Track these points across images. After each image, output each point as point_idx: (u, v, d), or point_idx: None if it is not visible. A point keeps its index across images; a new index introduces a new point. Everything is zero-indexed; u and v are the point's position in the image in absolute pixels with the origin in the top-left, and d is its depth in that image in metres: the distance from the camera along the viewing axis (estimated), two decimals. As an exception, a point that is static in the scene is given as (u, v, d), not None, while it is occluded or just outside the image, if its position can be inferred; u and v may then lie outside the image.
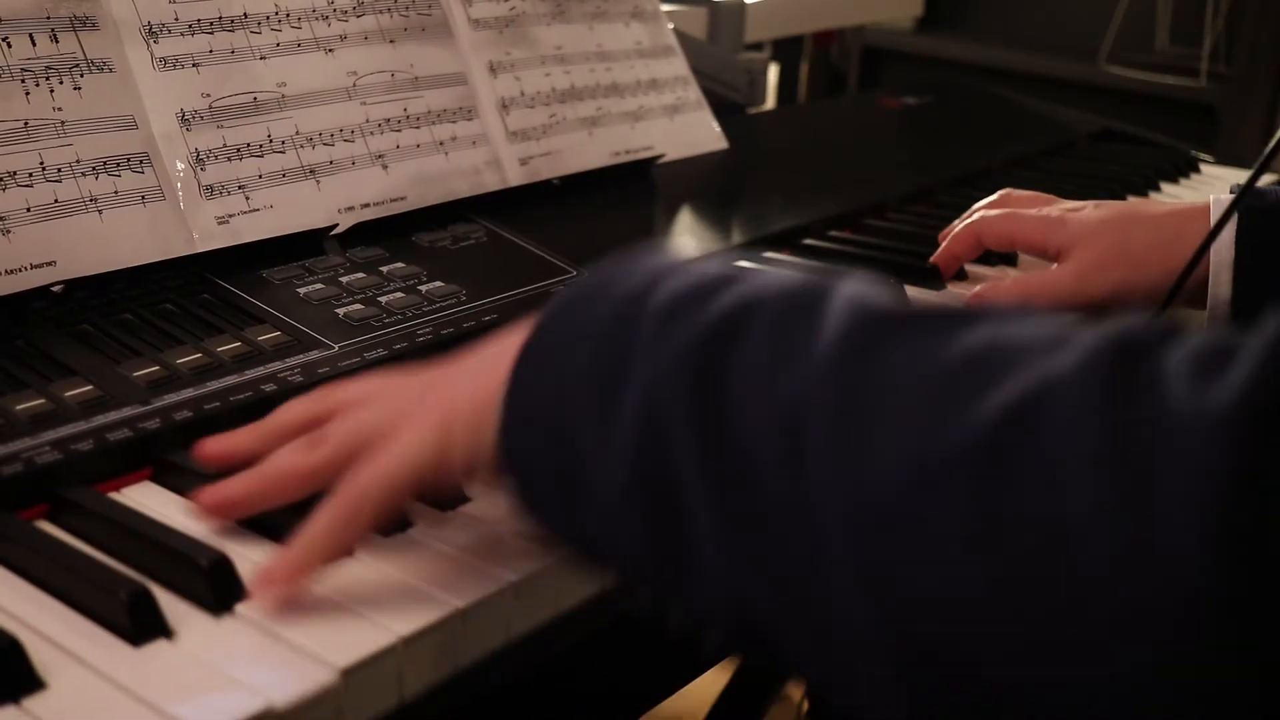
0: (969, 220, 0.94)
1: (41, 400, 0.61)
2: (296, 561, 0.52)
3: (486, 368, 0.52)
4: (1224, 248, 0.83)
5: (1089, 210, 0.90)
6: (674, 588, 0.45)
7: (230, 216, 0.78)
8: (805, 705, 1.63)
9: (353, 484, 0.53)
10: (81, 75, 0.74)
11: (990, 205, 0.97)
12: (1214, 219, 0.84)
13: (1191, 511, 0.34)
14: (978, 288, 0.90)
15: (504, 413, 0.49)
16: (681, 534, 0.43)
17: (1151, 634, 0.34)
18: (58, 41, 0.73)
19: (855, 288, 0.45)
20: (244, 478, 0.57)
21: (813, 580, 0.40)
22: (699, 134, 1.13)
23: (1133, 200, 0.91)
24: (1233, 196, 0.85)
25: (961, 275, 0.96)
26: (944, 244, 0.95)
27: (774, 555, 0.41)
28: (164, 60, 0.78)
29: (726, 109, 1.22)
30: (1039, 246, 0.90)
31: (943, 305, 0.43)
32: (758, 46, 1.51)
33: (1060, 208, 0.93)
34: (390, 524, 0.57)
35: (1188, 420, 0.35)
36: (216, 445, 0.59)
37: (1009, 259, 1.00)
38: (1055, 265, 0.90)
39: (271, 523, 0.57)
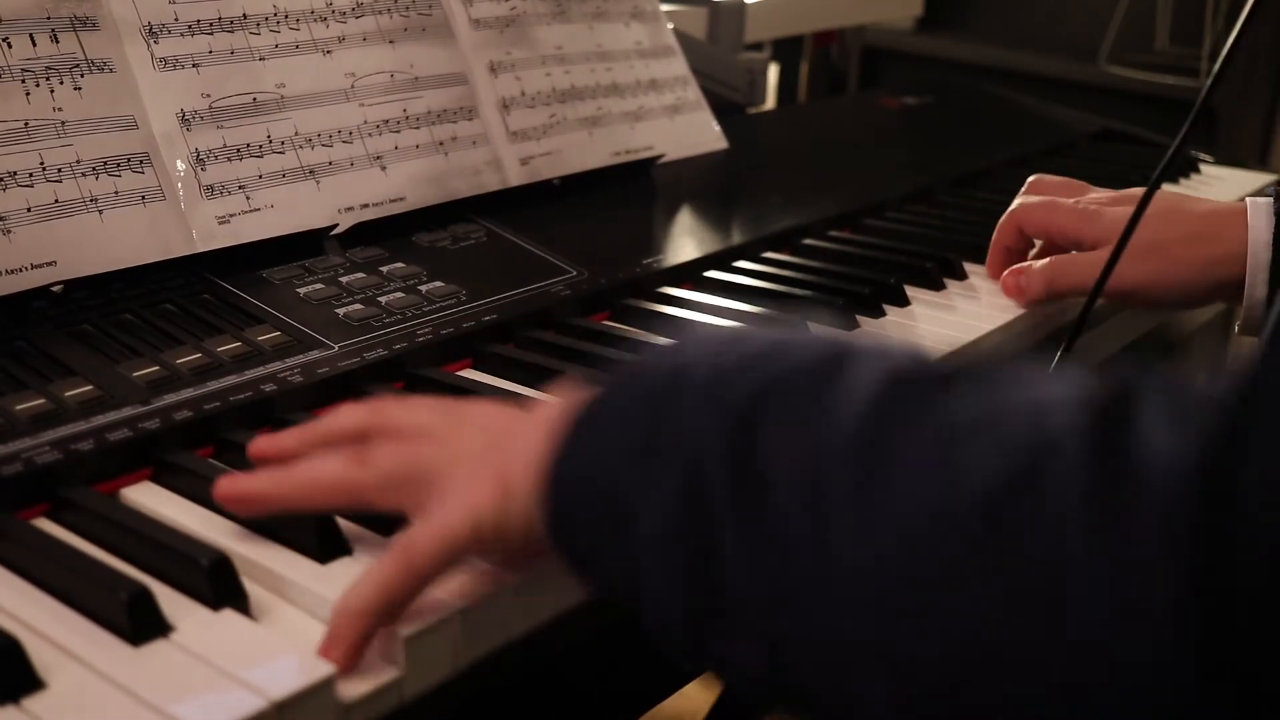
0: (1009, 210, 0.95)
1: (41, 400, 0.61)
2: (357, 617, 0.50)
3: (544, 430, 0.50)
4: (1260, 249, 0.84)
5: (1125, 204, 0.90)
6: (715, 642, 0.46)
7: (230, 216, 0.78)
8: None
9: (413, 544, 0.51)
10: (82, 75, 0.74)
11: (1026, 191, 0.98)
12: (1251, 219, 0.85)
13: (1167, 564, 0.35)
14: (1018, 265, 0.90)
15: (551, 482, 0.49)
16: (723, 594, 0.44)
17: (1145, 690, 0.36)
18: (58, 41, 0.73)
19: (877, 354, 0.46)
20: (274, 475, 0.55)
21: (835, 643, 0.41)
22: (699, 134, 1.13)
23: (1169, 193, 0.92)
24: (1271, 196, 0.86)
25: (961, 275, 0.96)
26: (993, 240, 0.96)
27: (803, 620, 0.42)
28: (164, 60, 0.78)
29: (726, 109, 1.22)
30: (1074, 238, 0.91)
31: (955, 366, 0.45)
32: (758, 46, 1.51)
33: (1092, 198, 0.94)
34: (390, 524, 0.57)
35: (1158, 475, 0.36)
36: (265, 446, 0.58)
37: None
38: (1088, 252, 0.90)
39: (277, 525, 0.57)
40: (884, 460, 0.41)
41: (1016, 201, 0.96)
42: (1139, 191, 0.93)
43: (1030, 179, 1.00)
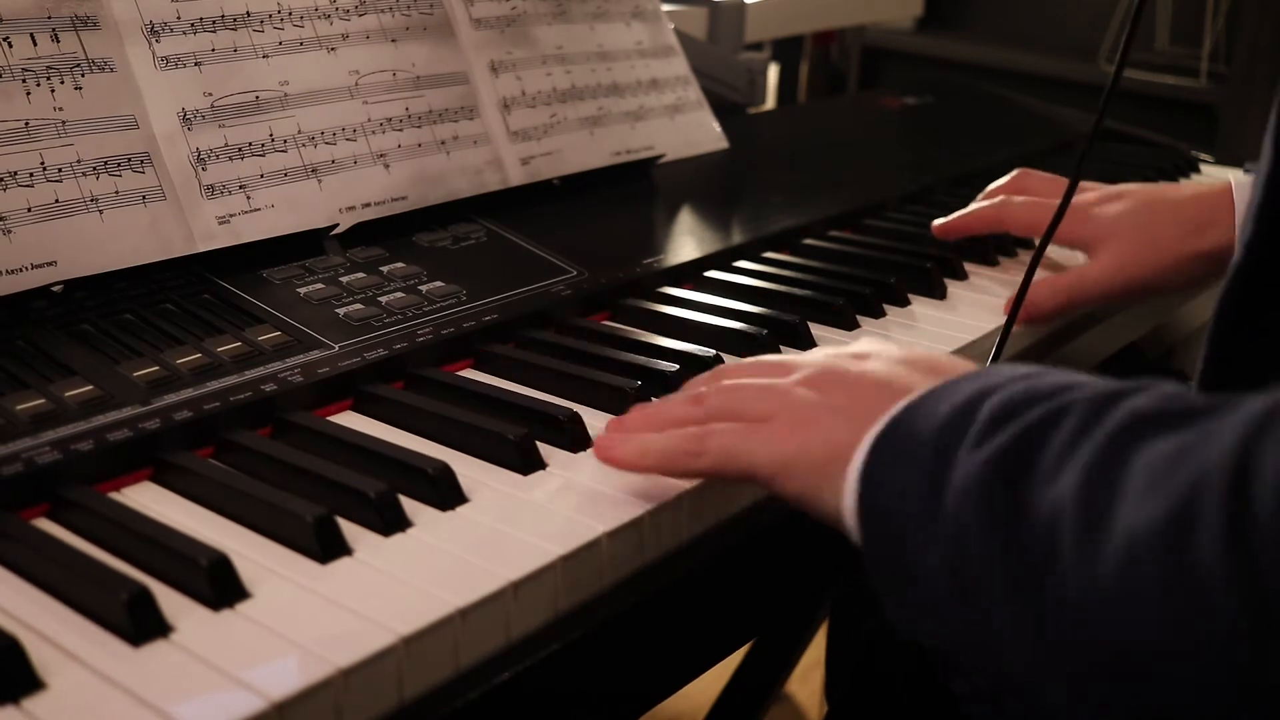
0: (994, 202, 0.95)
1: (41, 400, 0.61)
2: (635, 450, 0.61)
3: (854, 415, 0.56)
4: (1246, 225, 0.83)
5: (1111, 201, 0.90)
6: (987, 672, 0.50)
7: (231, 216, 0.78)
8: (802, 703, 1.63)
9: (708, 434, 0.59)
10: (82, 75, 0.74)
11: (1007, 187, 0.97)
12: (1237, 199, 0.85)
13: None
14: (974, 282, 0.90)
15: (859, 494, 0.53)
16: (985, 630, 0.48)
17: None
18: (59, 41, 0.73)
19: (1153, 392, 0.48)
20: (643, 415, 0.64)
21: (1076, 652, 0.44)
22: (699, 134, 1.13)
23: (1151, 187, 0.91)
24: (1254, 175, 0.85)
25: (961, 275, 0.96)
26: (962, 214, 0.95)
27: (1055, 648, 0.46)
28: (165, 59, 0.78)
29: (726, 109, 1.22)
30: (1064, 238, 0.91)
31: (1191, 401, 0.47)
32: (758, 46, 1.51)
33: (1086, 197, 0.93)
34: (390, 524, 0.58)
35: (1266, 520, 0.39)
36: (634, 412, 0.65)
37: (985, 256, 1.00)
38: (1087, 260, 0.90)
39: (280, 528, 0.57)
40: (1111, 493, 0.44)
41: (1000, 196, 0.95)
42: (1127, 187, 0.93)
43: (1015, 172, 0.99)
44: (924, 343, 0.83)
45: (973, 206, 0.96)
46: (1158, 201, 0.89)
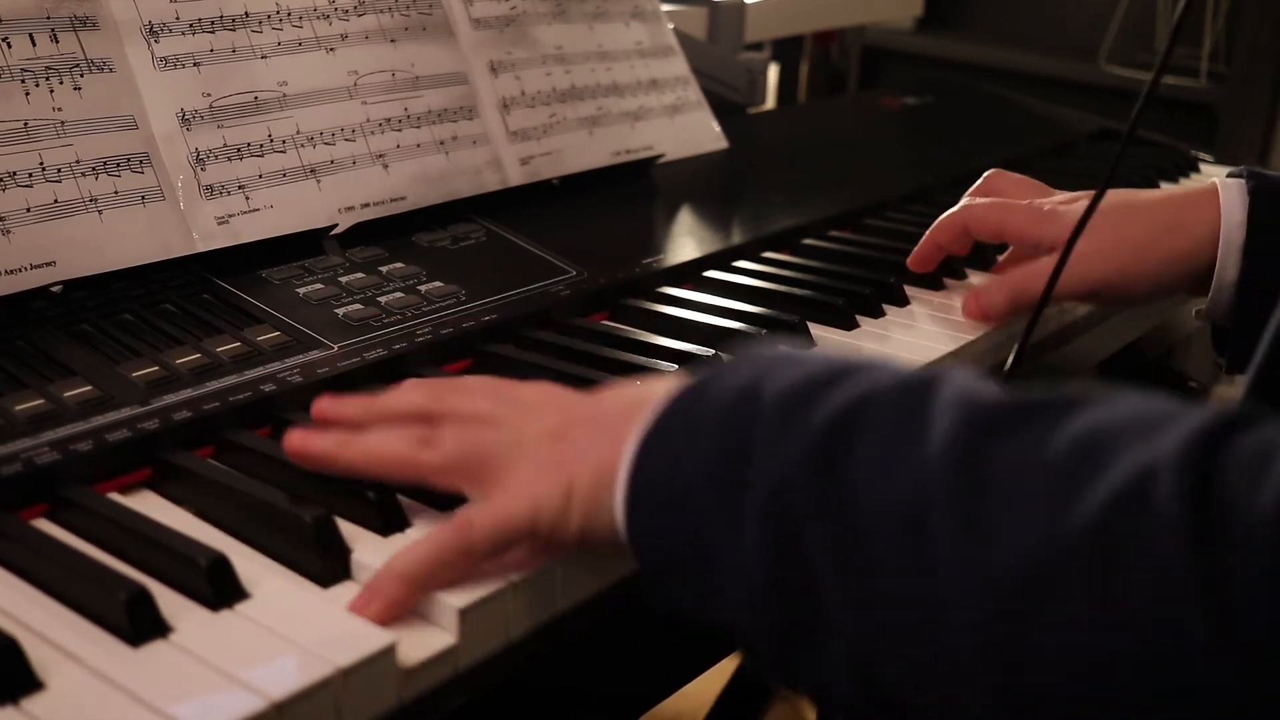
0: (957, 208, 0.92)
1: (41, 400, 0.61)
2: (402, 580, 0.52)
3: (608, 434, 0.53)
4: (1233, 229, 0.82)
5: (1083, 202, 0.89)
6: (804, 666, 0.48)
7: (230, 216, 0.78)
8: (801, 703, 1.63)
9: (470, 524, 0.54)
10: (82, 75, 0.74)
11: (979, 189, 0.95)
12: (1224, 201, 0.84)
13: (1262, 603, 0.37)
14: (974, 282, 0.88)
15: (628, 500, 0.51)
16: (815, 623, 0.46)
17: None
18: (58, 41, 0.73)
19: (960, 381, 0.48)
20: (343, 440, 0.58)
21: (940, 661, 0.43)
22: (699, 134, 1.13)
23: (1125, 190, 0.90)
24: (1241, 177, 0.85)
25: (938, 285, 0.94)
26: (928, 233, 0.92)
27: (903, 641, 0.44)
28: (164, 60, 0.78)
29: (726, 109, 1.22)
30: (1031, 238, 0.88)
31: (1042, 394, 0.46)
32: (758, 46, 1.51)
33: (1052, 200, 0.91)
34: (389, 524, 0.57)
35: (1245, 522, 0.38)
36: (328, 408, 0.61)
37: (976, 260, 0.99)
38: (1048, 257, 0.88)
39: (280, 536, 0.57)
40: (985, 486, 0.43)
41: (964, 200, 0.92)
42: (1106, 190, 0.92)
43: (988, 173, 0.96)
44: (925, 343, 0.83)
45: (939, 220, 0.93)
46: (1127, 203, 0.87)
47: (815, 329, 0.83)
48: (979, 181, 0.96)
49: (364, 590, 0.53)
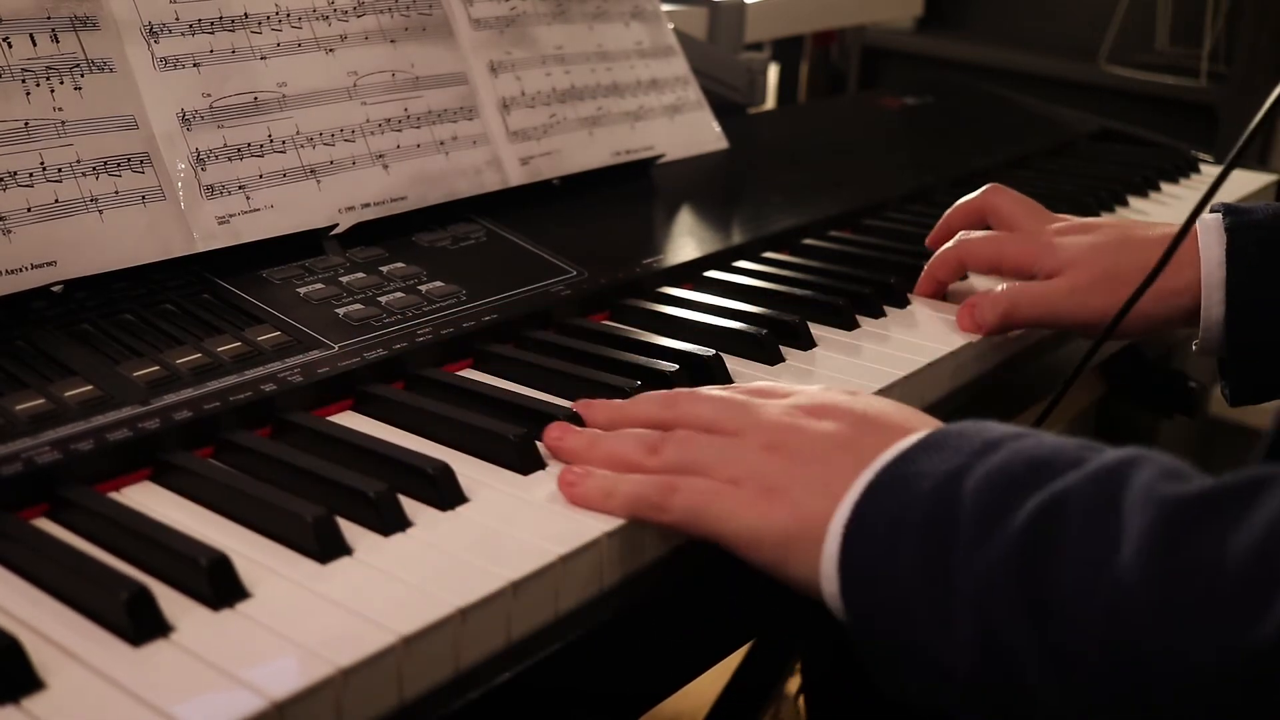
0: (953, 244, 0.91)
1: (41, 400, 0.61)
2: (598, 492, 0.60)
3: (823, 486, 0.57)
4: (1213, 268, 0.83)
5: (1078, 234, 0.88)
6: None
7: (231, 216, 0.78)
8: (802, 703, 1.63)
9: (674, 489, 0.59)
10: (82, 75, 0.74)
11: (975, 206, 0.95)
12: (1201, 240, 0.84)
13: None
14: (975, 283, 0.88)
15: (841, 584, 0.55)
16: (1017, 703, 0.50)
17: None
18: (58, 41, 0.73)
19: (1149, 473, 0.51)
20: (590, 442, 0.64)
21: None
22: (699, 134, 1.13)
23: (1123, 221, 0.89)
24: (1219, 214, 0.85)
25: (962, 275, 0.95)
26: (927, 268, 0.92)
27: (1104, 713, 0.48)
28: (164, 60, 0.78)
29: (726, 109, 1.22)
30: (1029, 270, 0.88)
31: (1229, 477, 0.49)
32: (758, 46, 1.51)
33: (1054, 228, 0.90)
34: (390, 524, 0.57)
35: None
36: (582, 407, 0.68)
37: None
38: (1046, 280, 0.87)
39: (283, 529, 0.57)
40: (1182, 596, 0.46)
41: (958, 236, 0.92)
42: (1099, 221, 0.92)
43: (985, 188, 0.95)
44: (925, 342, 0.83)
45: (936, 255, 0.92)
46: (1125, 237, 0.87)
47: (815, 329, 0.83)
48: (976, 195, 0.95)
49: (570, 472, 0.61)
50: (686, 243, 0.95)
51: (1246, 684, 0.44)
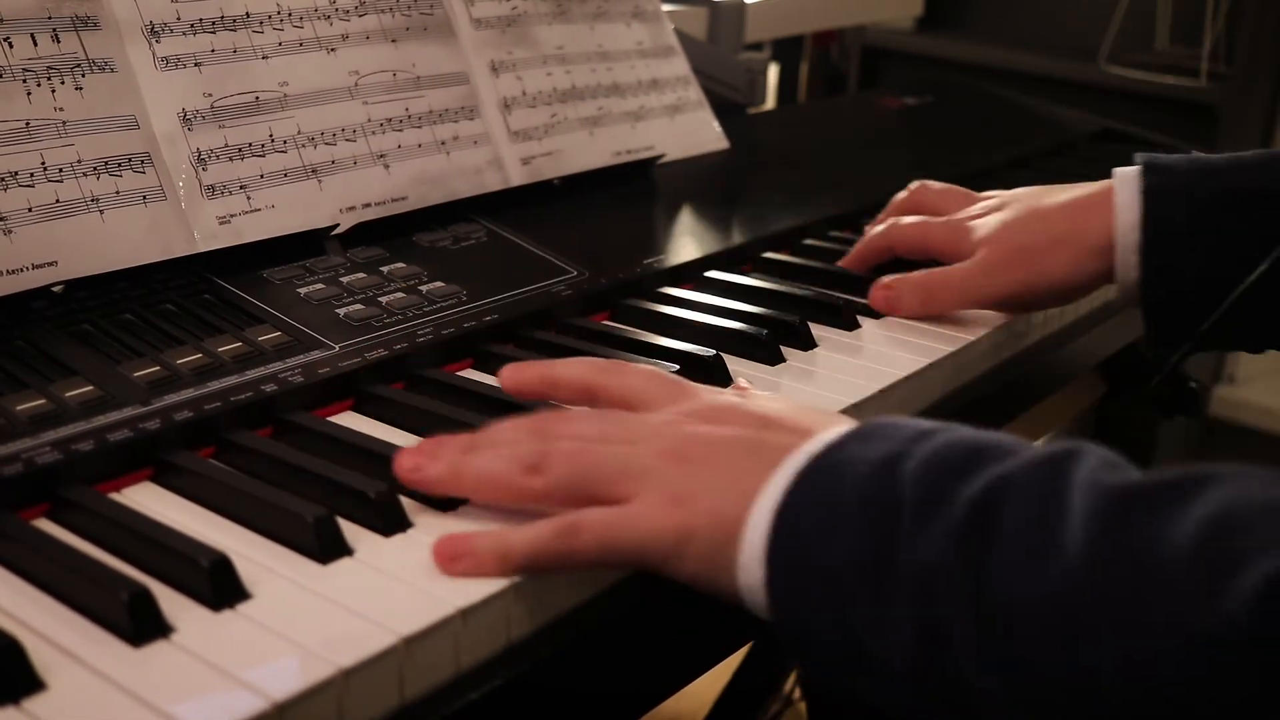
0: (882, 228, 0.94)
1: (41, 400, 0.61)
2: (496, 558, 0.54)
3: (734, 486, 0.54)
4: (1127, 231, 0.82)
5: (995, 212, 0.89)
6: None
7: (232, 216, 0.78)
8: (802, 704, 1.63)
9: (577, 530, 0.55)
10: (83, 75, 0.74)
11: (906, 203, 0.97)
12: (1118, 199, 0.82)
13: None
14: (885, 278, 0.88)
15: (768, 579, 0.52)
16: (964, 709, 0.49)
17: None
18: (59, 41, 0.73)
19: (1091, 462, 0.50)
20: (451, 468, 0.58)
21: None
22: (700, 134, 1.13)
23: (1035, 190, 0.90)
24: (1139, 169, 0.84)
25: None
26: (855, 249, 0.94)
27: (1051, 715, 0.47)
28: (166, 60, 0.78)
29: (726, 109, 1.22)
30: (951, 253, 0.89)
31: (1170, 470, 0.48)
32: (758, 46, 1.51)
33: (973, 210, 0.92)
34: (391, 524, 0.57)
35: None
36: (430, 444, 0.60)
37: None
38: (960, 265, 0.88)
39: (283, 527, 0.57)
40: (1128, 581, 0.45)
41: (889, 221, 0.94)
42: (1013, 194, 0.92)
43: (913, 185, 0.98)
44: (925, 342, 0.83)
45: (866, 241, 0.94)
46: (1032, 210, 0.87)
47: (816, 329, 0.83)
48: (904, 194, 0.98)
49: (450, 542, 0.54)
50: (687, 243, 0.95)
51: (1192, 672, 0.43)
